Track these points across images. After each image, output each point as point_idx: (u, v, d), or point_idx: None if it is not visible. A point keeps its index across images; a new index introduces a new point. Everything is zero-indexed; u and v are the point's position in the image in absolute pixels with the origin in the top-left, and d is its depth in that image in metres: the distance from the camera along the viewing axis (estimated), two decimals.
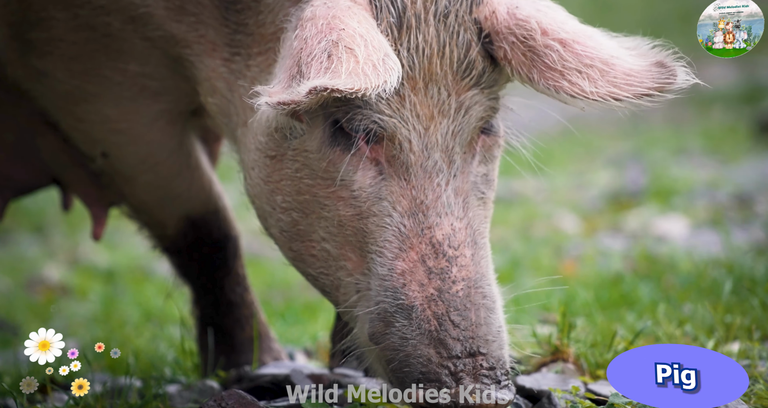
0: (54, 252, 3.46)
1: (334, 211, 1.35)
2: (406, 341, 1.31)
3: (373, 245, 1.34)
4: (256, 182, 1.41)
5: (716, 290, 2.12)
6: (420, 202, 1.34)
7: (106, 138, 1.60)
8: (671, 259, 2.65)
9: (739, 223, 3.09)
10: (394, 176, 1.35)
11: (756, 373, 1.57)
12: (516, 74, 1.37)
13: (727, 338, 1.81)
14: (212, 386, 1.67)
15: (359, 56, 1.27)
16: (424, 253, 1.33)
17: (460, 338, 1.31)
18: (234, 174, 1.52)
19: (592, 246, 3.02)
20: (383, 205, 1.34)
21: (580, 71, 1.35)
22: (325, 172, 1.36)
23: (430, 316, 1.31)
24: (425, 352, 1.30)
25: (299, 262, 1.40)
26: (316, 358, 2.05)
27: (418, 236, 1.33)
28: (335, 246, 1.36)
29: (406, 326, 1.31)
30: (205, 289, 1.76)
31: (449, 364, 1.30)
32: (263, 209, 1.41)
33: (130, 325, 2.51)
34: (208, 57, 1.46)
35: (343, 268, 1.37)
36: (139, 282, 3.04)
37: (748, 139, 4.46)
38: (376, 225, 1.34)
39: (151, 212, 1.70)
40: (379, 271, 1.33)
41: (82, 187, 1.73)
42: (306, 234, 1.37)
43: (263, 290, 2.82)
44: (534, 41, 1.36)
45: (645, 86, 1.35)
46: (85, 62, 1.53)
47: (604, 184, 3.87)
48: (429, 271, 1.33)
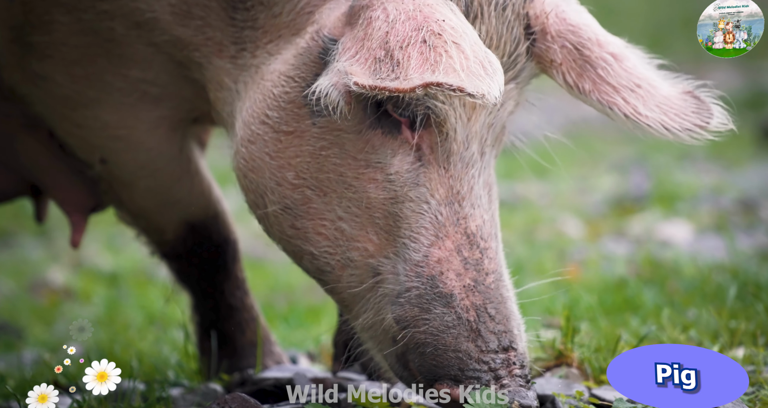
0: (58, 255, 3.46)
1: (362, 192, 1.34)
2: (447, 329, 1.31)
3: (407, 230, 1.33)
4: (256, 156, 1.38)
5: (721, 295, 2.11)
6: (456, 191, 1.34)
7: (105, 144, 1.60)
8: (675, 264, 2.64)
9: (744, 229, 3.09)
10: (433, 164, 1.34)
11: (761, 379, 1.56)
12: (562, 79, 1.37)
13: (731, 343, 1.80)
14: (215, 389, 1.67)
15: (468, 53, 1.26)
16: (459, 243, 1.33)
17: (496, 331, 1.32)
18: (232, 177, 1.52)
19: (595, 250, 3.01)
20: (421, 191, 1.34)
21: (633, 90, 1.35)
22: (359, 153, 1.34)
23: (468, 305, 1.31)
24: (465, 346, 1.30)
25: (300, 240, 1.38)
26: (319, 361, 2.04)
27: (454, 225, 1.33)
28: (355, 226, 1.35)
29: (446, 314, 1.31)
30: (205, 294, 1.76)
31: (488, 359, 1.30)
32: (262, 185, 1.39)
33: (133, 328, 2.51)
34: (216, 57, 1.45)
35: (358, 249, 1.35)
36: (142, 285, 3.04)
37: (752, 145, 4.46)
38: (412, 210, 1.33)
39: (150, 218, 1.69)
40: (413, 256, 1.32)
41: (61, 193, 1.71)
42: (318, 212, 1.36)
43: (266, 293, 2.82)
44: (589, 51, 1.36)
45: (690, 121, 1.35)
46: (86, 67, 1.53)
47: (608, 189, 3.86)
48: (465, 261, 1.33)
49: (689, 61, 3.57)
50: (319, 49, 1.36)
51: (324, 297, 2.83)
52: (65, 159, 1.69)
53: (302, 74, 1.36)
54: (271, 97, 1.38)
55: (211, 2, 1.44)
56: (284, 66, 1.38)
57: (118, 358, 1.98)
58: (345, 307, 1.41)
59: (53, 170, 1.70)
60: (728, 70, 5.63)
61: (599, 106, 1.36)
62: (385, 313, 1.34)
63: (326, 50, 1.35)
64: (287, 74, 1.37)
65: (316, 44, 1.36)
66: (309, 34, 1.37)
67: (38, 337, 2.49)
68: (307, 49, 1.37)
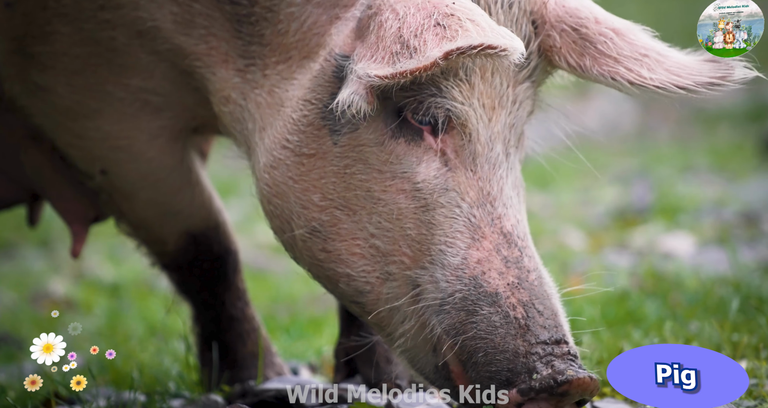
0: (59, 266, 3.46)
1: (392, 204, 1.34)
2: (494, 329, 1.29)
3: (442, 237, 1.32)
4: (280, 181, 1.38)
5: (723, 308, 2.10)
6: (487, 193, 1.33)
7: (106, 155, 1.59)
8: (678, 277, 2.64)
9: (746, 241, 3.08)
10: (460, 167, 1.34)
11: (764, 392, 1.55)
12: (564, 62, 1.36)
13: (734, 357, 1.79)
14: (216, 401, 1.67)
15: (483, 25, 1.25)
16: (497, 243, 1.32)
17: (546, 326, 1.30)
18: (238, 188, 1.51)
19: (598, 262, 3.00)
20: (451, 196, 1.33)
21: (637, 59, 1.33)
22: (384, 165, 1.34)
23: (515, 303, 1.30)
24: (512, 345, 1.28)
25: (333, 263, 1.37)
26: (320, 372, 2.04)
27: (489, 226, 1.32)
28: (387, 241, 1.34)
29: (493, 313, 1.29)
30: (206, 305, 1.75)
31: (538, 349, 1.28)
32: (289, 210, 1.39)
33: (134, 339, 2.51)
34: (221, 69, 1.45)
35: (396, 262, 1.34)
36: (144, 296, 3.04)
37: (754, 157, 4.46)
38: (445, 216, 1.32)
39: (150, 229, 1.69)
40: (452, 261, 1.31)
41: (63, 203, 1.71)
42: (350, 232, 1.35)
43: (268, 304, 2.81)
44: (587, 28, 1.35)
45: (707, 75, 1.33)
46: (87, 77, 1.53)
47: (611, 201, 3.86)
48: (505, 259, 1.31)
49: None
50: (333, 68, 1.36)
51: (326, 308, 2.83)
52: (68, 170, 1.69)
53: (318, 96, 1.37)
54: (291, 122, 1.38)
55: (214, 13, 1.44)
56: (301, 91, 1.38)
57: (119, 369, 1.97)
58: (380, 326, 1.38)
59: (56, 181, 1.70)
60: None
61: (602, 79, 1.34)
62: (430, 324, 1.32)
63: (340, 68, 1.35)
64: (304, 98, 1.38)
65: (330, 64, 1.36)
66: (322, 57, 1.38)
67: None
68: (321, 70, 1.37)
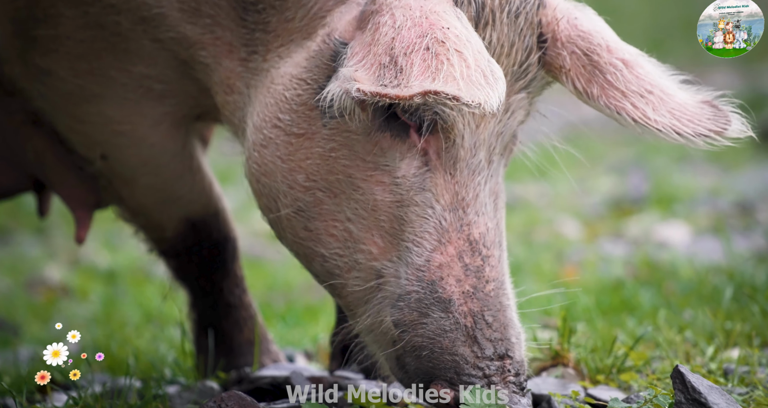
0: (55, 252, 3.46)
1: (369, 194, 1.35)
2: (444, 333, 1.31)
3: (411, 234, 1.34)
4: (268, 160, 1.38)
5: (717, 297, 2.12)
6: (461, 198, 1.34)
7: (108, 140, 1.59)
8: (672, 266, 2.65)
9: (741, 231, 3.09)
10: (439, 169, 1.34)
11: (755, 380, 1.56)
12: (571, 85, 1.37)
13: (727, 345, 1.81)
14: (212, 387, 1.67)
15: (470, 61, 1.26)
16: (461, 249, 1.33)
17: (492, 339, 1.32)
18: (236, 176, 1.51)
19: (593, 252, 3.01)
20: (426, 196, 1.34)
21: (643, 96, 1.34)
22: (368, 155, 1.35)
23: (466, 311, 1.32)
24: (461, 350, 1.31)
25: (313, 242, 1.38)
26: (316, 360, 2.05)
27: (457, 232, 1.34)
28: (361, 228, 1.35)
29: (444, 319, 1.32)
30: (204, 292, 1.75)
31: (483, 365, 1.31)
32: (275, 188, 1.39)
33: (130, 325, 2.51)
34: (225, 59, 1.45)
35: (363, 251, 1.36)
36: (139, 283, 3.04)
37: (750, 147, 4.46)
38: (417, 215, 1.34)
39: (150, 215, 1.69)
40: (415, 260, 1.33)
41: (66, 189, 1.70)
42: (330, 213, 1.36)
43: (264, 292, 2.82)
44: (598, 56, 1.36)
45: (704, 126, 1.34)
46: (90, 61, 1.52)
47: (607, 191, 3.87)
48: (466, 267, 1.33)
49: (689, 64, 3.58)
50: (331, 52, 1.36)
51: (322, 296, 2.83)
52: (69, 155, 1.67)
53: (314, 76, 1.36)
54: (283, 101, 1.38)
55: (221, 1, 1.43)
56: (296, 69, 1.38)
57: (115, 355, 1.98)
58: (349, 311, 1.41)
59: (59, 167, 1.69)
60: (727, 72, 5.63)
61: (608, 111, 1.36)
62: (384, 316, 1.35)
63: (337, 53, 1.35)
64: (299, 77, 1.37)
65: (328, 47, 1.36)
66: (320, 37, 1.37)
67: (35, 335, 2.49)
68: (318, 52, 1.37)
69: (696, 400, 1.28)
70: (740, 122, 1.36)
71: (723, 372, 1.65)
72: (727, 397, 1.30)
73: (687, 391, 1.28)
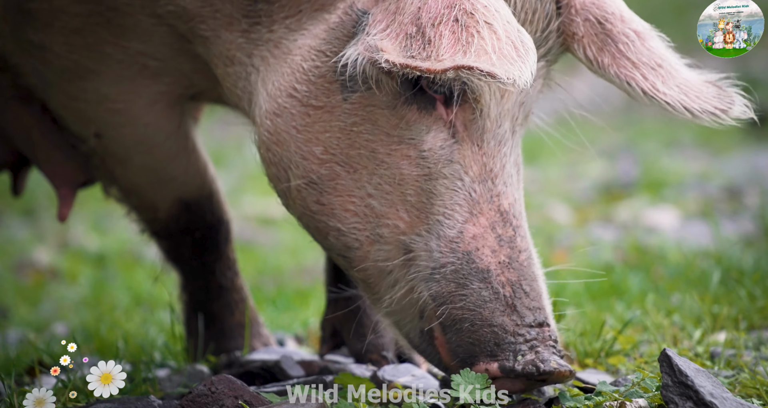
0: (44, 235, 3.44)
1: (395, 169, 1.34)
2: (484, 303, 1.31)
3: (441, 207, 1.33)
4: (281, 129, 1.37)
5: (704, 281, 2.13)
6: (489, 169, 1.34)
7: (102, 118, 1.57)
8: (661, 250, 2.66)
9: (729, 215, 3.11)
10: (467, 141, 1.34)
11: (741, 363, 1.58)
12: (582, 53, 1.36)
13: (713, 328, 1.82)
14: (202, 371, 1.67)
15: (500, 33, 1.24)
16: (493, 220, 1.33)
17: (531, 307, 1.33)
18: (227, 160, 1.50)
19: (583, 236, 3.03)
20: (455, 168, 1.34)
21: (654, 68, 1.34)
22: (393, 129, 1.34)
23: (504, 281, 1.32)
24: (500, 320, 1.31)
25: (326, 216, 1.37)
26: (306, 344, 2.05)
27: (488, 203, 1.34)
28: (384, 203, 1.35)
29: (483, 289, 1.32)
30: (196, 274, 1.74)
31: (524, 331, 1.31)
32: (287, 158, 1.38)
33: (119, 309, 2.51)
34: (225, 31, 1.43)
35: (388, 225, 1.35)
36: (129, 266, 3.03)
37: (739, 132, 4.48)
38: (446, 187, 1.34)
39: (143, 195, 1.67)
40: (447, 232, 1.33)
41: (51, 167, 1.68)
42: (347, 189, 1.36)
43: (254, 276, 2.81)
44: (611, 25, 1.35)
45: (711, 104, 1.35)
46: (86, 37, 1.50)
47: (597, 176, 3.88)
48: (499, 238, 1.33)
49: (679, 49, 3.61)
50: (353, 23, 1.34)
51: (312, 280, 2.83)
52: (58, 133, 1.66)
53: (334, 49, 1.35)
54: (300, 71, 1.37)
55: None
56: (314, 41, 1.37)
57: (104, 338, 1.98)
58: (367, 284, 1.39)
59: (46, 144, 1.67)
60: (718, 57, 5.64)
61: (617, 80, 1.35)
62: (419, 290, 1.34)
63: (359, 24, 1.34)
64: (318, 48, 1.36)
65: (350, 18, 1.35)
66: (341, 10, 1.36)
67: (23, 317, 2.48)
68: (339, 23, 1.35)
69: (683, 382, 1.29)
70: (742, 103, 1.36)
71: (710, 355, 1.67)
72: (713, 380, 1.31)
73: (674, 374, 1.29)
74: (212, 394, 1.34)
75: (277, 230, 3.44)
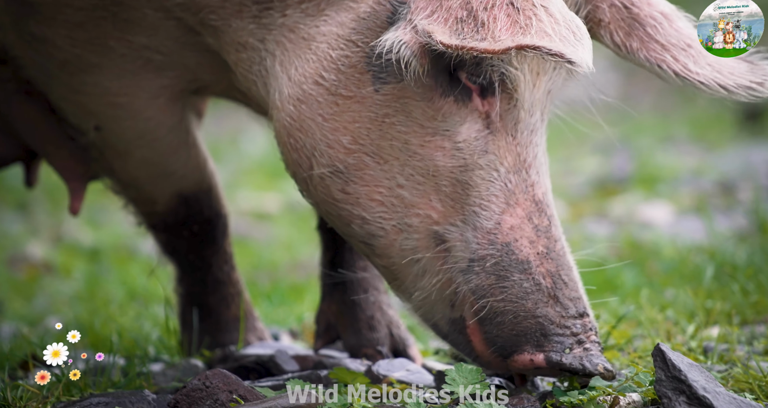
0: (37, 229, 3.43)
1: (429, 160, 1.34)
2: (526, 295, 1.31)
3: (477, 198, 1.33)
4: (306, 116, 1.36)
5: (698, 276, 2.14)
6: (523, 159, 1.34)
7: (103, 111, 1.56)
8: (655, 245, 2.67)
9: (723, 210, 3.12)
10: (501, 131, 1.34)
11: (734, 357, 1.59)
12: (610, 39, 1.35)
13: (707, 323, 1.83)
14: (196, 365, 1.67)
15: (557, 16, 1.24)
16: (530, 210, 1.34)
17: (571, 298, 1.33)
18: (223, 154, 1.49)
19: (577, 231, 3.03)
20: (490, 159, 1.34)
21: (684, 49, 1.33)
22: (428, 121, 1.34)
23: (544, 272, 1.32)
24: (544, 311, 1.31)
25: (351, 205, 1.36)
26: (301, 339, 2.05)
27: (523, 193, 1.34)
28: (416, 194, 1.34)
29: (524, 280, 1.32)
30: (193, 267, 1.74)
31: (570, 324, 1.31)
32: (310, 145, 1.36)
33: (114, 303, 2.50)
34: (235, 19, 1.42)
35: (419, 215, 1.34)
36: (123, 261, 3.03)
37: (733, 127, 4.50)
38: (482, 178, 1.34)
39: (141, 188, 1.67)
40: (484, 224, 1.33)
41: (60, 161, 1.68)
42: (374, 179, 1.35)
43: (249, 271, 2.81)
44: (638, 8, 1.34)
45: (746, 78, 1.34)
46: (89, 30, 1.48)
47: (591, 171, 3.89)
48: (536, 228, 1.33)
49: None
50: (387, 13, 1.33)
51: (307, 275, 2.84)
52: (63, 126, 1.64)
53: (366, 39, 1.34)
54: (328, 59, 1.35)
55: None
56: (342, 29, 1.35)
57: (98, 332, 1.97)
58: (390, 271, 1.39)
59: (53, 137, 1.66)
60: None
61: (647, 64, 1.34)
62: (456, 281, 1.34)
63: (395, 14, 1.33)
64: (348, 38, 1.35)
65: (384, 8, 1.34)
66: (372, 0, 1.34)
67: (17, 311, 2.47)
68: (372, 14, 1.34)
69: (676, 377, 1.29)
70: None
71: (703, 350, 1.68)
72: (706, 375, 1.31)
73: (667, 368, 1.30)
74: (207, 389, 1.34)
75: (272, 225, 3.44)
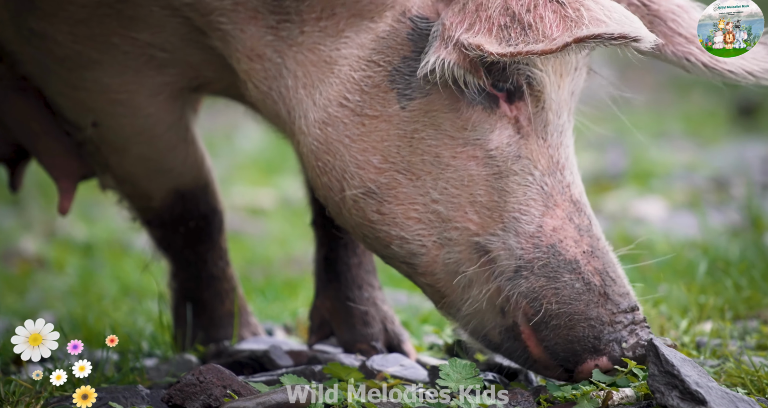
0: (30, 224, 3.42)
1: (462, 171, 1.34)
2: (579, 296, 1.32)
3: (515, 204, 1.34)
4: (334, 139, 1.36)
5: (691, 271, 2.15)
6: (556, 161, 1.35)
7: (102, 107, 1.55)
8: (649, 241, 2.68)
9: (716, 206, 3.14)
10: (532, 135, 1.35)
11: (727, 352, 1.60)
12: None
13: (700, 318, 1.84)
14: (190, 360, 1.67)
15: (604, 2, 1.23)
16: (569, 211, 1.34)
17: (621, 294, 1.34)
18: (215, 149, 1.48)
19: None
20: (524, 164, 1.34)
21: None
22: (457, 132, 1.34)
23: (592, 271, 1.33)
24: (596, 312, 1.32)
25: (388, 226, 1.36)
26: (295, 334, 2.05)
27: (561, 194, 1.35)
28: (451, 207, 1.34)
29: (575, 280, 1.32)
30: (187, 263, 1.74)
31: (621, 319, 1.32)
32: (341, 169, 1.37)
33: (107, 298, 2.50)
34: (249, 25, 1.41)
35: (457, 228, 1.34)
36: (117, 256, 3.02)
37: (726, 123, 4.51)
38: (518, 183, 1.34)
39: (137, 184, 1.66)
40: (526, 228, 1.33)
41: (51, 159, 1.67)
42: (409, 196, 1.35)
43: (243, 266, 2.81)
44: (656, 4, 1.35)
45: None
46: (92, 27, 1.47)
47: (586, 166, 3.89)
48: (578, 227, 1.34)
49: None
50: (408, 30, 1.34)
51: (301, 271, 2.84)
52: (58, 124, 1.63)
53: (387, 58, 1.35)
54: (351, 81, 1.36)
55: None
56: (363, 51, 1.36)
57: (92, 328, 1.97)
58: (436, 289, 1.39)
59: (45, 135, 1.65)
60: None
61: (674, 58, 1.35)
62: (505, 289, 1.34)
63: (416, 30, 1.33)
64: (368, 59, 1.36)
65: (404, 26, 1.34)
66: (390, 18, 1.35)
67: (10, 307, 2.46)
68: (391, 32, 1.35)
69: (669, 372, 1.30)
70: None
71: (696, 345, 1.69)
72: (699, 370, 1.32)
73: (660, 363, 1.31)
74: (200, 384, 1.34)
75: (266, 220, 3.43)
